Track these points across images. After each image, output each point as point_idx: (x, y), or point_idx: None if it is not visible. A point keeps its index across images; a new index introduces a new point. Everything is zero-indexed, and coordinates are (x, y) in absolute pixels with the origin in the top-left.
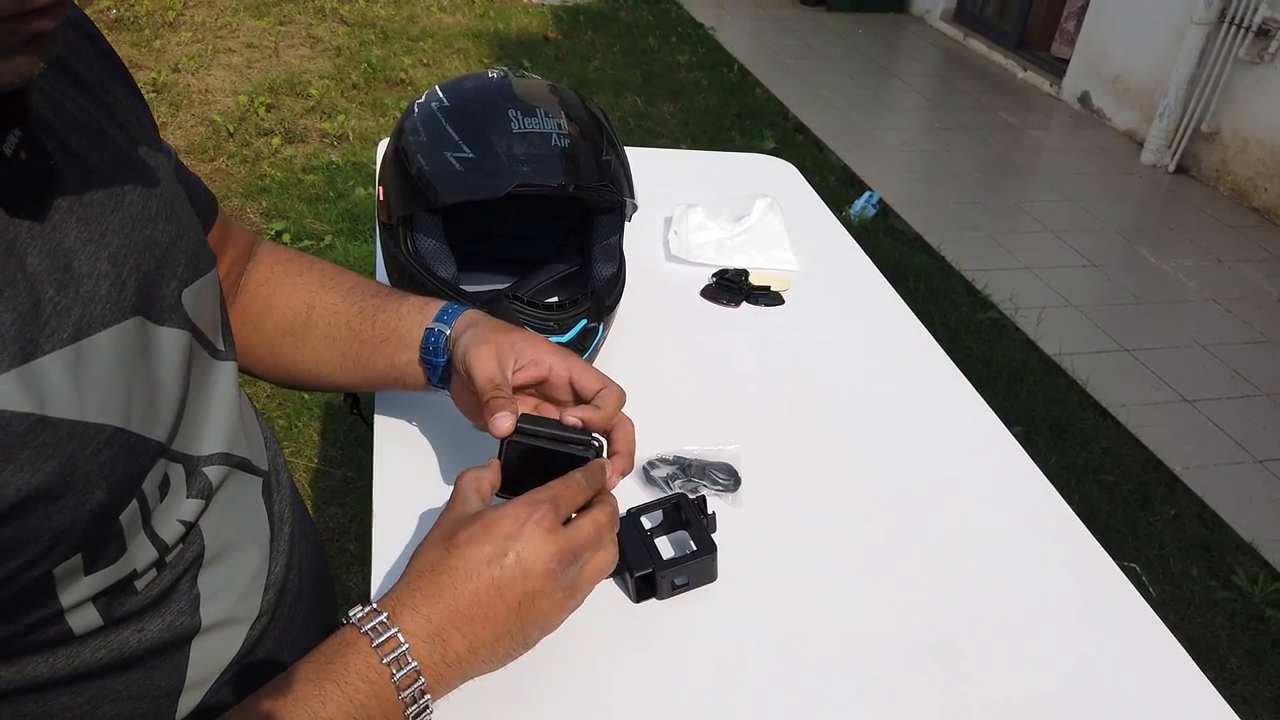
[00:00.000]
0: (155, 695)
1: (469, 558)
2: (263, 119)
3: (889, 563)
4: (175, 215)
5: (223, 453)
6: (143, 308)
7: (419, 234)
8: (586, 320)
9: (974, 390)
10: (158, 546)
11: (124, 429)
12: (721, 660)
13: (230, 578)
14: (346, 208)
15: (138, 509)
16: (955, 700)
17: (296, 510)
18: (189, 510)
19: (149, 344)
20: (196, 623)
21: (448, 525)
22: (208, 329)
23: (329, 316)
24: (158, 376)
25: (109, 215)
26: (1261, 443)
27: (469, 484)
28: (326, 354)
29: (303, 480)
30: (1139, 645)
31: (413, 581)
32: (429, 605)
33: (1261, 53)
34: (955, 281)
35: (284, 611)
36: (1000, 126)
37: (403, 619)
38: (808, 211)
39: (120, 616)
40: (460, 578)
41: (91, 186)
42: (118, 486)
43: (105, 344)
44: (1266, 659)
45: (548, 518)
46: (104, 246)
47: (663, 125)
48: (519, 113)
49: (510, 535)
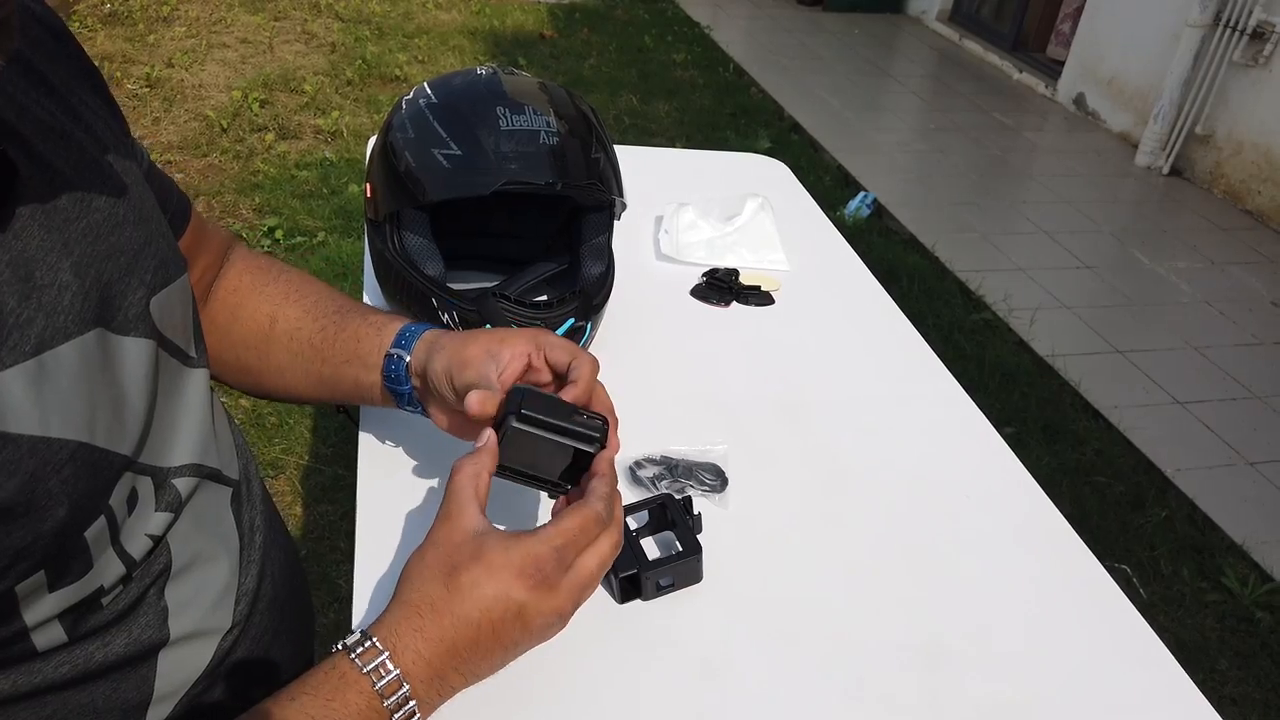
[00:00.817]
0: (123, 708)
1: (469, 604)
2: (256, 115)
3: (875, 563)
4: (144, 220)
5: (193, 464)
6: (103, 318)
7: (406, 231)
8: (574, 319)
9: (963, 391)
10: (125, 562)
11: (88, 443)
12: (706, 661)
13: (198, 589)
14: (340, 204)
15: (105, 525)
16: (940, 701)
17: (269, 519)
18: (157, 524)
19: (111, 355)
20: (165, 635)
21: (446, 551)
22: (177, 336)
23: (291, 331)
24: (122, 388)
25: (73, 222)
26: (1253, 445)
27: (466, 484)
28: (290, 369)
29: (293, 478)
30: (1124, 646)
31: (413, 619)
32: (429, 649)
33: (1256, 56)
34: (949, 282)
35: (256, 621)
36: (995, 128)
37: (404, 660)
38: (799, 211)
39: (85, 632)
40: (461, 625)
41: (56, 193)
42: (80, 503)
43: (68, 356)
44: (1256, 660)
45: (552, 576)
46: (67, 255)
47: (658, 124)
48: (507, 110)
49: (512, 590)
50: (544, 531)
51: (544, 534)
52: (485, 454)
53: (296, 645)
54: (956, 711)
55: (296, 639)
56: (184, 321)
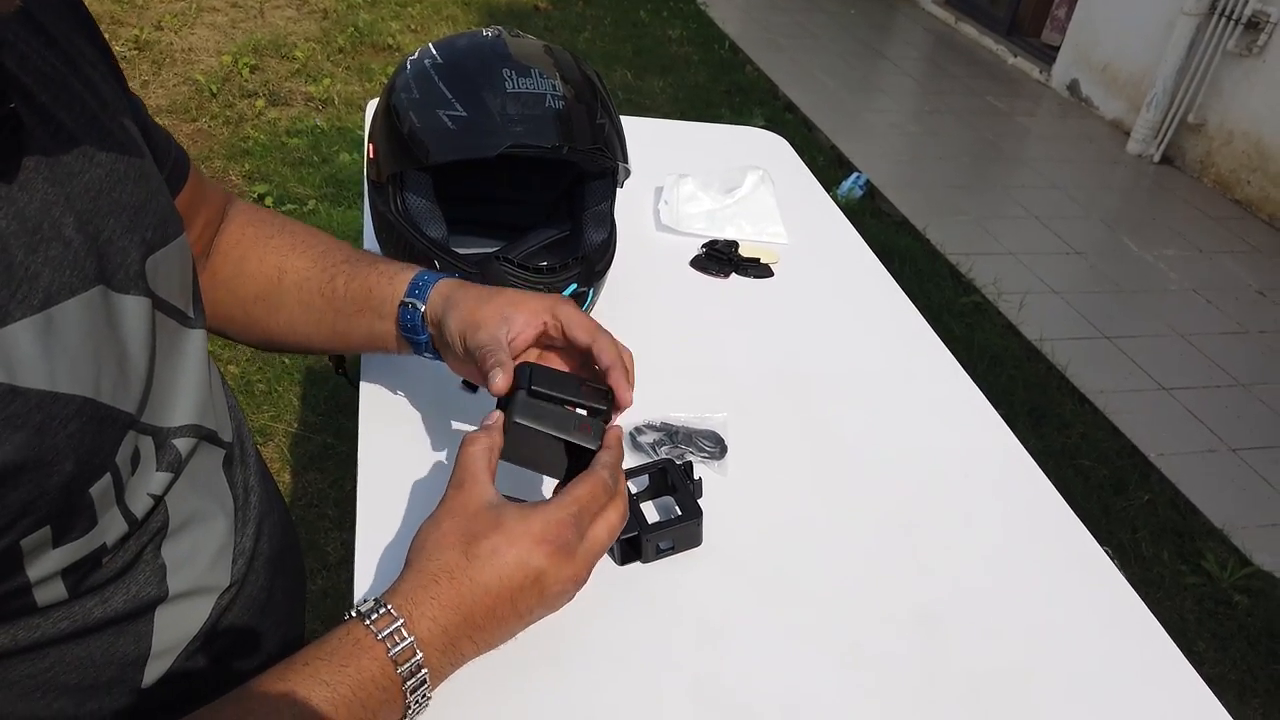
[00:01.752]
0: (120, 662)
1: (489, 572)
2: (246, 80)
3: (870, 532)
4: (143, 177)
5: (192, 424)
6: (105, 276)
7: (409, 193)
8: (576, 284)
9: (960, 367)
10: (128, 520)
11: (94, 399)
12: (704, 623)
13: (195, 548)
14: (330, 173)
15: (111, 483)
16: (933, 668)
17: (263, 481)
18: (158, 483)
19: (114, 313)
20: (164, 592)
21: (463, 521)
22: (176, 297)
23: (300, 282)
24: (125, 346)
25: (76, 177)
26: (1235, 431)
27: (479, 457)
28: (301, 320)
29: (282, 445)
30: (1115, 617)
31: (429, 586)
32: (446, 616)
33: (1250, 45)
34: (940, 265)
35: (253, 580)
36: (989, 112)
37: (419, 627)
38: (798, 186)
39: (86, 589)
40: (480, 592)
41: (60, 146)
42: (87, 459)
43: (74, 311)
44: (1233, 643)
45: (571, 543)
46: (70, 209)
47: (652, 100)
48: (513, 72)
49: (532, 557)
50: (559, 500)
51: (559, 502)
52: (495, 431)
53: (291, 605)
54: (949, 678)
55: (291, 599)
56: (182, 282)
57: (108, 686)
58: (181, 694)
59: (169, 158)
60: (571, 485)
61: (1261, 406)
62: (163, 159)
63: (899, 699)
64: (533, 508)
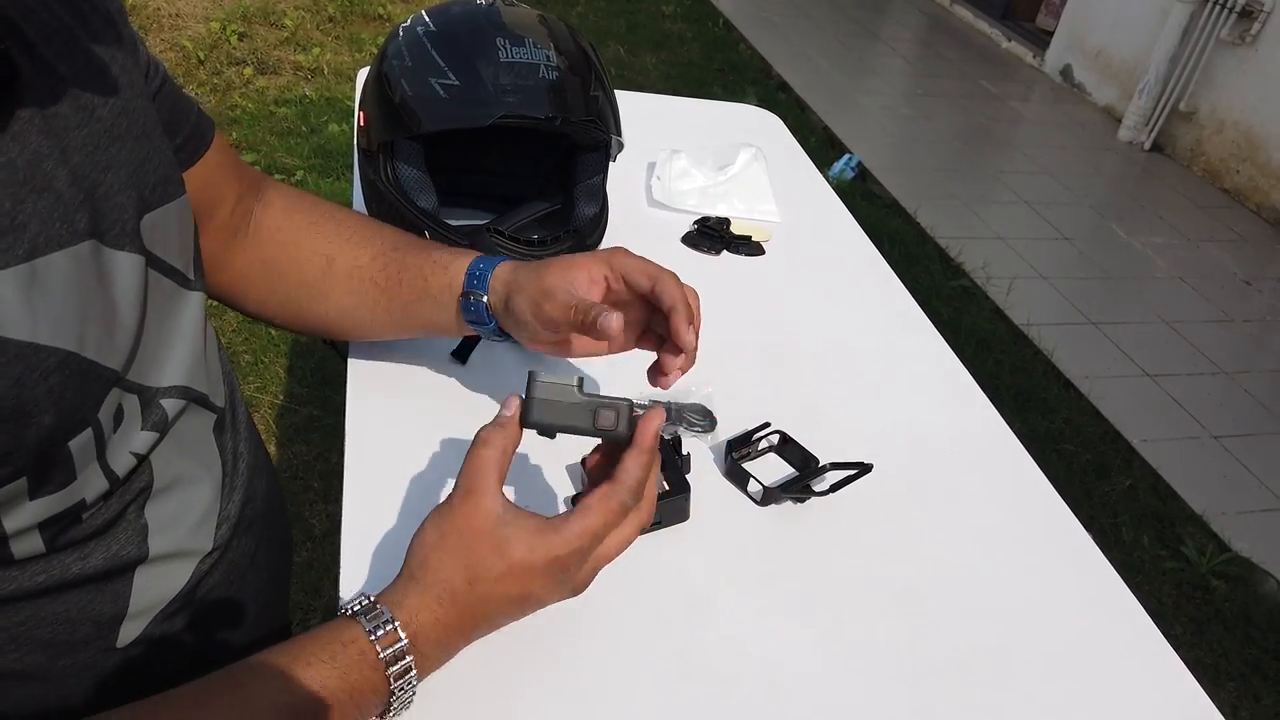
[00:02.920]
0: (96, 620)
1: (493, 598)
2: (235, 48)
3: (856, 509)
4: (146, 135)
5: (181, 385)
6: (98, 230)
7: (400, 162)
8: None
9: (948, 348)
10: (109, 478)
11: (77, 354)
12: (690, 597)
13: (180, 510)
14: (319, 143)
15: (92, 438)
16: (915, 645)
17: (253, 448)
18: (142, 442)
19: (104, 268)
20: (144, 552)
21: (468, 540)
22: (174, 257)
23: (350, 270)
24: (114, 303)
25: (74, 130)
26: (1218, 419)
27: (490, 463)
28: (352, 308)
29: (267, 416)
30: (1096, 597)
31: (434, 608)
32: (449, 636)
33: (1244, 34)
34: (929, 248)
35: (236, 546)
36: (981, 96)
37: (421, 645)
38: (791, 164)
39: (64, 544)
40: (480, 617)
41: (58, 98)
42: (67, 412)
43: (61, 264)
44: (1209, 627)
45: (572, 573)
46: (64, 163)
47: (645, 76)
48: (507, 42)
49: (532, 585)
50: (569, 527)
51: (568, 531)
52: (512, 426)
53: (274, 574)
54: (931, 655)
55: (275, 569)
56: (182, 243)
57: (83, 643)
58: (157, 655)
59: (186, 124)
60: (588, 509)
61: (1244, 395)
62: (180, 123)
63: (882, 673)
64: (539, 533)
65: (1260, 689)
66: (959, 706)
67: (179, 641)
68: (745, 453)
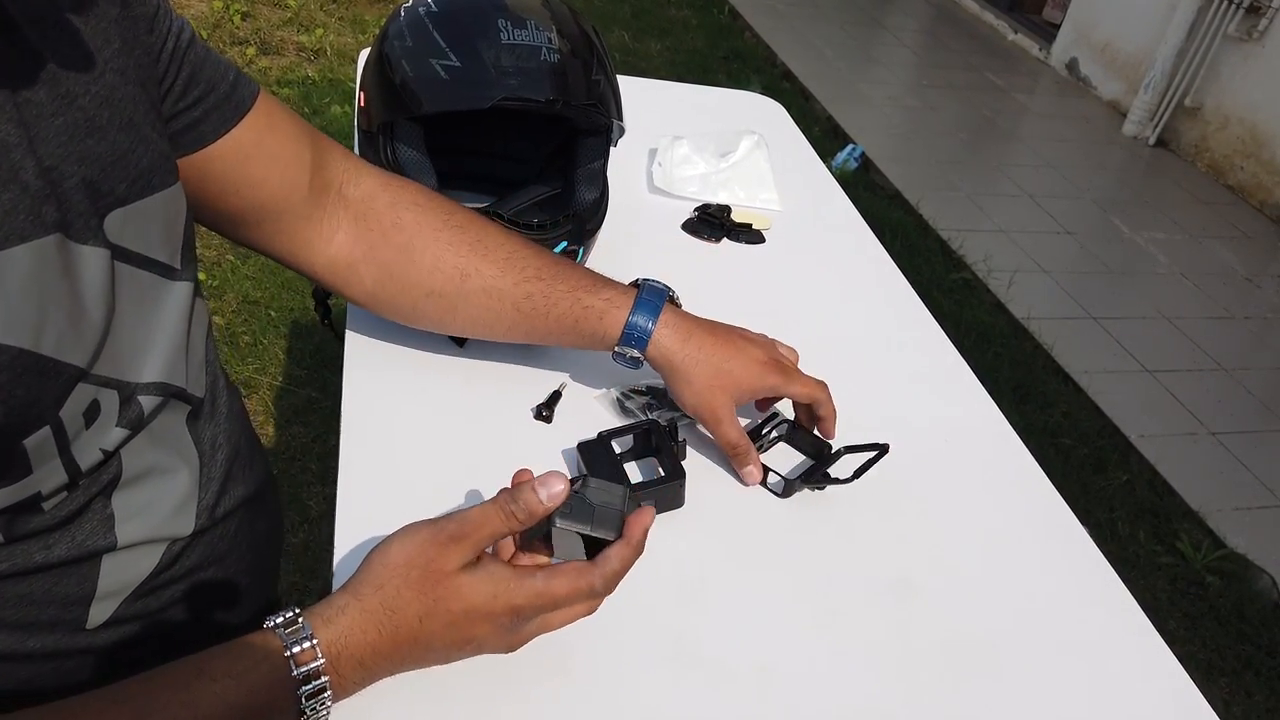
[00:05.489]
0: (64, 602)
1: (437, 636)
2: (237, 28)
3: (850, 498)
4: (129, 125)
5: (160, 382)
6: (65, 224)
7: (399, 143)
8: (567, 242)
9: (948, 340)
10: (70, 471)
11: (31, 351)
12: (684, 584)
13: (151, 500)
14: (321, 125)
15: (50, 435)
16: (908, 633)
17: (236, 436)
18: (114, 439)
19: (71, 263)
20: (111, 542)
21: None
22: (156, 250)
23: (488, 289)
24: (80, 298)
25: (48, 119)
26: (1216, 416)
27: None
28: (486, 323)
29: (266, 398)
30: (1091, 591)
31: (369, 632)
32: (373, 658)
33: (1251, 30)
34: (931, 240)
35: (215, 533)
36: (986, 88)
37: (342, 667)
38: (793, 153)
39: (23, 534)
40: (416, 652)
41: (37, 85)
42: (19, 410)
43: (20, 259)
44: (1203, 622)
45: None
46: (32, 154)
47: (649, 63)
48: (509, 23)
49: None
50: (533, 586)
51: (532, 588)
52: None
53: (258, 556)
54: (923, 644)
55: (259, 550)
56: (168, 234)
57: (50, 625)
58: (131, 638)
59: (223, 83)
60: (560, 575)
61: (1243, 392)
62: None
63: (874, 663)
64: (503, 585)
65: (1252, 685)
66: (951, 697)
67: (153, 624)
68: (758, 445)
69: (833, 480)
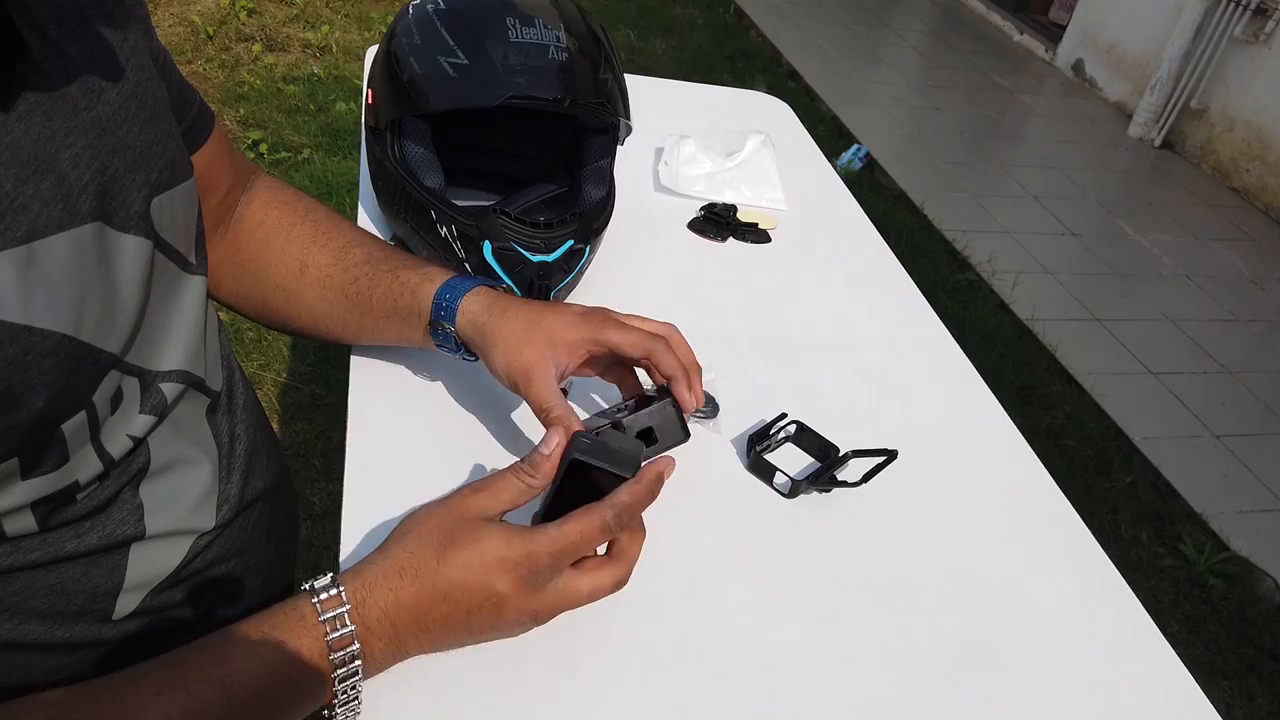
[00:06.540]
0: (92, 592)
1: (455, 581)
2: (244, 24)
3: (856, 498)
4: (154, 118)
5: (181, 370)
6: (104, 213)
7: (407, 140)
8: (573, 241)
9: (952, 340)
10: (104, 460)
11: (73, 337)
12: (690, 583)
13: (176, 491)
14: (326, 122)
15: (85, 421)
16: (913, 634)
17: (255, 429)
18: (140, 426)
19: (108, 251)
20: (140, 531)
21: (450, 524)
22: (179, 241)
23: (322, 279)
24: (116, 286)
25: (80, 113)
26: (1220, 418)
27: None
28: (324, 315)
29: (270, 394)
30: (1095, 593)
31: (392, 579)
32: (398, 611)
33: (1257, 32)
34: (935, 240)
35: (238, 525)
36: (992, 88)
37: (368, 615)
38: (799, 152)
39: (58, 524)
40: (438, 599)
41: (66, 80)
42: (61, 395)
43: (60, 247)
44: (1206, 625)
45: (542, 578)
46: (67, 146)
47: (654, 62)
48: (517, 22)
49: (499, 581)
50: (547, 532)
51: (546, 535)
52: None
53: (278, 547)
54: (928, 644)
55: (279, 542)
56: (186, 226)
57: (78, 615)
58: (155, 628)
59: (188, 113)
60: (569, 517)
61: (1247, 394)
62: (182, 111)
63: (878, 663)
64: (518, 533)
65: (1255, 688)
66: (955, 697)
67: (177, 615)
68: (764, 446)
69: (839, 483)
